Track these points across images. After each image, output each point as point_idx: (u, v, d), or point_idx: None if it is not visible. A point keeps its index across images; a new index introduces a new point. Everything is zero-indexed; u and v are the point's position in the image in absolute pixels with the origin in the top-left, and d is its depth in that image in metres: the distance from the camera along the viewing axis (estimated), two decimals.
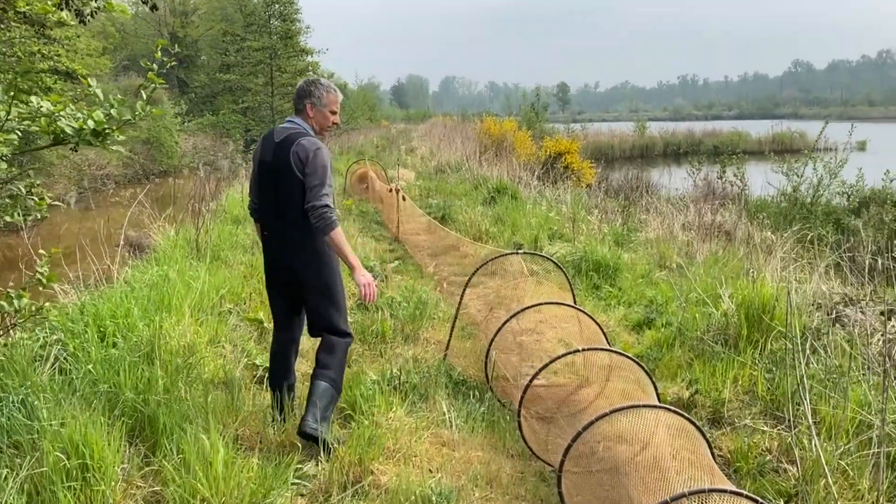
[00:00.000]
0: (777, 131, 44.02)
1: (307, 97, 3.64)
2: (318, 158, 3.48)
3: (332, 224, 3.42)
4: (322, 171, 3.47)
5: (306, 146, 3.51)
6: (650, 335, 5.44)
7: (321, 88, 3.65)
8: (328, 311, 3.64)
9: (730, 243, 10.58)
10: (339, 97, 3.72)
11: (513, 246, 8.20)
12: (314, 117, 3.65)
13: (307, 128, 3.64)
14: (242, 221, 10.03)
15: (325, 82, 3.71)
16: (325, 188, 3.45)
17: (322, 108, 3.64)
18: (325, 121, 3.66)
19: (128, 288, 5.84)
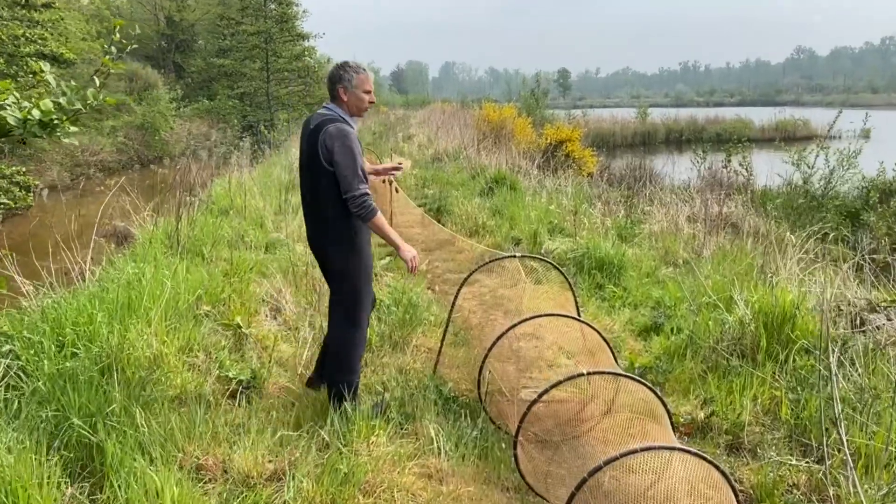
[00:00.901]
0: (780, 118, 43.52)
1: (338, 81, 3.65)
2: (346, 146, 3.52)
3: (372, 212, 3.52)
4: (351, 160, 3.51)
5: (333, 134, 3.54)
6: (659, 343, 5.05)
7: (350, 70, 3.66)
8: (346, 297, 3.74)
9: (737, 236, 10.18)
10: (370, 76, 3.71)
11: (511, 241, 7.80)
12: (348, 101, 3.66)
13: (342, 113, 3.66)
14: (229, 213, 9.61)
15: (354, 63, 3.72)
16: (358, 176, 3.51)
17: (355, 90, 3.65)
18: (361, 102, 3.68)
19: (98, 288, 5.46)
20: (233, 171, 13.60)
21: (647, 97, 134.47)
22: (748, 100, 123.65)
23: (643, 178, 14.87)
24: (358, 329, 3.79)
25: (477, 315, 6.00)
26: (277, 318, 5.63)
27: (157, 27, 41.67)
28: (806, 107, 71.50)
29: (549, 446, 3.64)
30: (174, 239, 7.11)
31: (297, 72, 29.56)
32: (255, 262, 6.78)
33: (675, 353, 4.68)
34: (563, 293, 6.08)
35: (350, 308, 3.76)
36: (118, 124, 28.54)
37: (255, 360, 4.55)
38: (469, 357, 4.85)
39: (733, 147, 16.99)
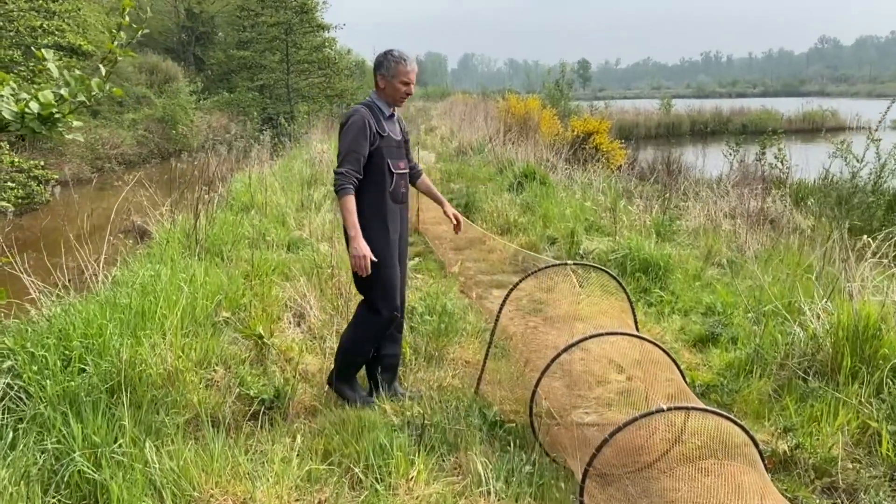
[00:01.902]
0: (808, 109, 42.52)
1: (377, 69, 3.71)
2: (348, 125, 3.61)
3: (341, 191, 3.53)
4: (346, 137, 3.59)
5: (346, 115, 3.71)
6: (719, 356, 4.60)
7: (391, 59, 3.68)
8: (363, 281, 3.69)
9: (779, 234, 9.68)
10: (410, 67, 3.69)
11: (546, 241, 7.36)
12: (385, 89, 3.70)
13: (377, 100, 3.72)
14: (250, 209, 9.26)
15: (398, 52, 3.72)
16: (347, 154, 3.57)
17: (392, 80, 3.67)
18: (396, 92, 3.70)
19: (111, 293, 5.11)
20: (253, 165, 13.27)
21: (668, 88, 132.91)
22: (771, 90, 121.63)
23: (676, 171, 14.30)
24: (381, 315, 3.75)
25: (515, 322, 5.58)
26: (301, 325, 5.25)
27: (178, 19, 41.47)
28: (831, 97, 70.11)
29: (610, 481, 3.22)
30: (192, 238, 6.76)
31: (317, 63, 29.15)
32: (277, 262, 6.41)
33: (740, 369, 4.23)
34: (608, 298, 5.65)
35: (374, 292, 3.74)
36: (138, 117, 28.34)
37: (277, 376, 4.17)
38: (511, 371, 4.43)
39: (767, 138, 16.41)
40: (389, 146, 3.71)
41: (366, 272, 3.52)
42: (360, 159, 3.58)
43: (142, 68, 31.95)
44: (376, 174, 3.67)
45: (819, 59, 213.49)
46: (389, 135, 3.71)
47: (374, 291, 3.72)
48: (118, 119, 27.68)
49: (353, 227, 3.50)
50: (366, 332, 3.82)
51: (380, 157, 3.66)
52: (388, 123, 3.75)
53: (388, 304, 3.75)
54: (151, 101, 29.55)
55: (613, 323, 4.83)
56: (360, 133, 3.57)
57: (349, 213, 3.51)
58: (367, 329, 3.81)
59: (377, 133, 3.64)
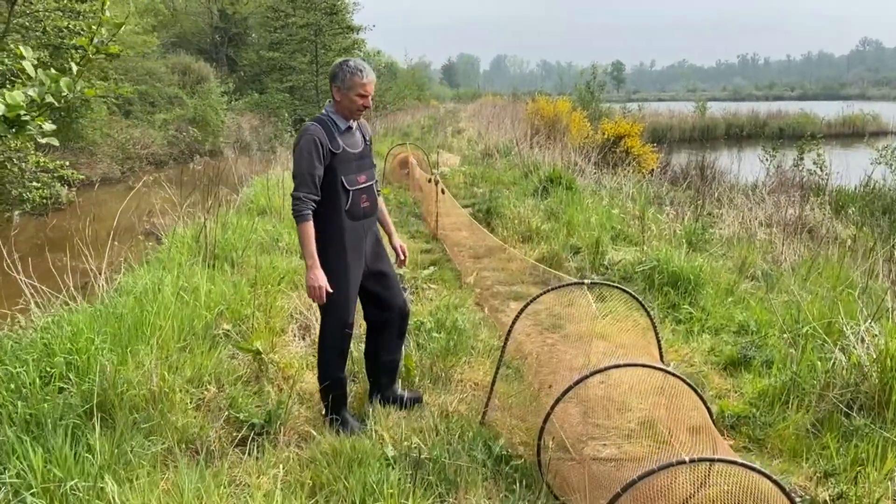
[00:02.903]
0: (848, 113, 41.41)
1: (332, 80, 3.51)
2: (298, 146, 3.45)
3: (297, 217, 3.41)
4: (298, 160, 3.43)
5: (298, 135, 3.51)
6: (751, 382, 4.23)
7: (346, 70, 3.46)
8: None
9: (815, 243, 9.20)
10: (367, 79, 3.46)
11: (569, 250, 7.01)
12: (341, 102, 3.50)
13: (332, 113, 3.53)
14: (268, 213, 9.05)
15: (354, 63, 3.50)
16: (301, 177, 3.41)
17: (347, 92, 3.46)
18: (353, 105, 3.48)
19: (108, 303, 4.90)
20: (275, 167, 13.11)
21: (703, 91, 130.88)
22: (810, 94, 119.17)
23: (710, 176, 13.80)
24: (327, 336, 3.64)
25: (532, 338, 5.26)
26: (306, 337, 4.99)
27: (211, 21, 41.75)
28: (872, 101, 68.38)
29: None
30: (202, 243, 6.54)
31: None
32: (287, 270, 6.16)
33: (774, 399, 3.86)
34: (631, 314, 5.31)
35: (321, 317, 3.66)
36: (170, 117, 28.51)
37: (273, 396, 3.90)
38: (524, 395, 4.11)
39: (806, 143, 15.81)
40: (345, 161, 3.50)
41: (321, 301, 3.43)
42: (315, 181, 3.42)
43: (174, 69, 32.19)
44: (330, 193, 3.47)
45: (860, 62, 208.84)
46: (345, 149, 3.50)
47: (328, 311, 3.58)
48: (149, 119, 27.86)
49: (310, 257, 3.40)
50: (326, 355, 3.65)
51: (332, 174, 3.46)
52: (345, 137, 3.53)
53: (338, 321, 3.59)
54: (183, 101, 29.72)
55: (636, 342, 4.49)
56: (310, 154, 3.40)
57: (307, 240, 3.39)
58: (326, 350, 3.66)
59: (329, 151, 3.44)
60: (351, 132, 3.57)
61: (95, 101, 20.01)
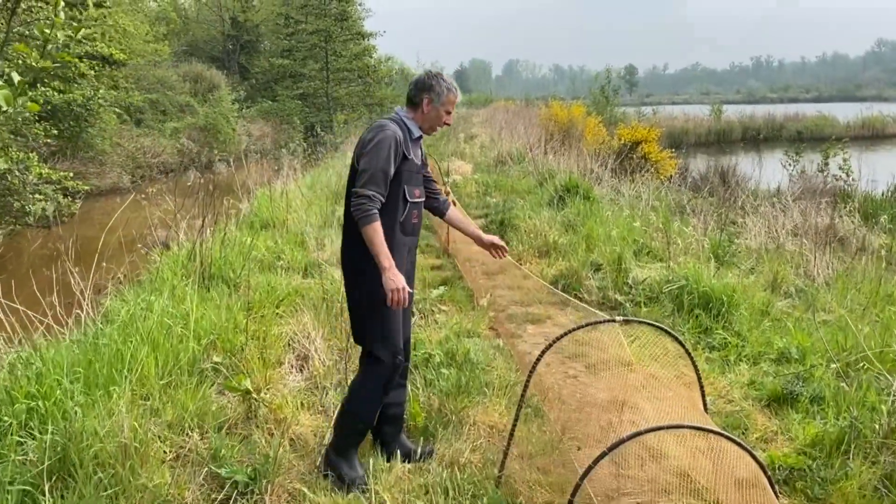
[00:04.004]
0: (867, 115, 40.63)
1: (427, 90, 3.32)
2: (375, 140, 3.16)
3: (364, 217, 3.06)
4: (374, 154, 3.14)
5: (371, 129, 3.26)
6: (801, 424, 3.75)
7: (443, 84, 3.34)
8: (362, 321, 3.30)
9: (847, 254, 8.69)
10: (458, 97, 3.41)
11: (590, 267, 6.55)
12: (427, 113, 3.33)
13: (408, 120, 3.32)
14: (271, 227, 8.65)
15: (449, 78, 3.39)
16: (375, 174, 3.11)
17: (439, 106, 3.33)
18: (438, 120, 3.37)
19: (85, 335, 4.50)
20: (283, 177, 12.72)
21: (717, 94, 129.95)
22: (825, 96, 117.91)
23: (734, 183, 13.27)
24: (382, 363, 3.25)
25: (552, 369, 4.79)
26: (304, 369, 4.56)
27: (223, 28, 41.65)
28: (889, 102, 67.35)
29: None
30: (197, 263, 6.13)
31: (356, 71, 28.73)
32: (287, 292, 5.75)
33: (830, 448, 3.39)
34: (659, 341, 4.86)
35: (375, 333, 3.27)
36: (181, 126, 28.31)
37: (263, 443, 3.47)
38: (545, 440, 3.66)
39: (831, 147, 15.25)
40: (410, 171, 3.29)
41: (403, 306, 3.10)
42: (386, 181, 3.16)
43: (186, 77, 32.03)
44: (390, 201, 3.21)
45: (876, 63, 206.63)
46: (413, 159, 3.30)
47: (373, 335, 3.27)
48: (160, 128, 27.68)
49: (385, 257, 3.05)
50: (368, 389, 3.30)
51: (397, 182, 3.22)
52: (414, 146, 3.33)
53: (388, 348, 3.26)
54: (194, 109, 29.53)
55: (669, 374, 4.03)
56: (390, 151, 3.15)
57: (381, 240, 3.05)
58: (369, 383, 3.30)
59: (402, 154, 3.22)
60: (418, 144, 3.41)
61: (105, 110, 19.80)
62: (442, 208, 3.69)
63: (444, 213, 3.70)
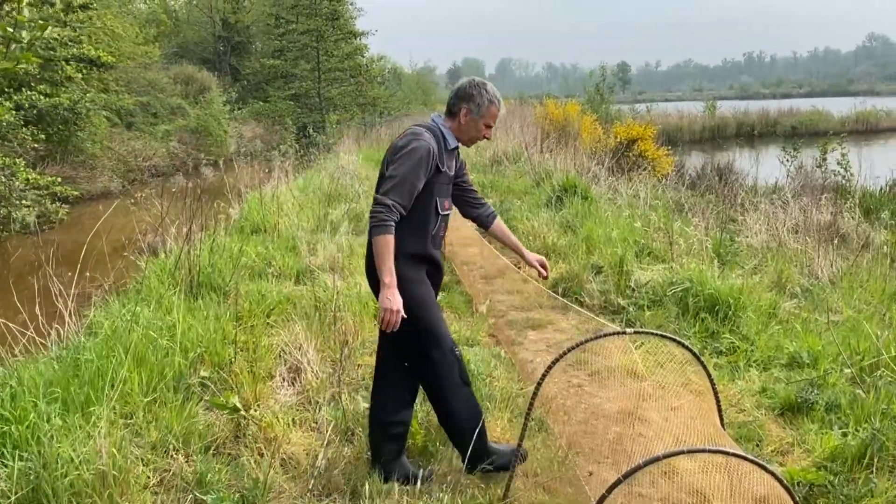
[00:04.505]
0: (861, 110, 40.56)
1: (468, 100, 3.16)
2: (408, 149, 3.02)
3: (379, 226, 2.93)
4: (404, 163, 2.99)
5: (405, 135, 3.14)
6: (818, 435, 3.58)
7: (486, 96, 3.15)
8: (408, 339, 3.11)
9: (850, 251, 8.52)
10: (500, 110, 3.21)
11: (590, 270, 6.37)
12: (465, 124, 3.18)
13: (447, 131, 3.17)
14: (261, 231, 8.45)
15: (492, 89, 3.19)
16: (401, 183, 2.96)
17: (478, 119, 3.17)
18: (478, 133, 3.21)
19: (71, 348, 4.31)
20: (274, 180, 12.51)
21: (710, 90, 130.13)
22: (818, 90, 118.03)
23: (734, 180, 13.10)
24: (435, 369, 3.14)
25: (555, 378, 4.61)
26: (297, 383, 4.37)
27: (214, 30, 41.36)
28: (882, 96, 67.42)
29: None
30: (184, 271, 5.93)
31: (348, 71, 28.49)
32: (278, 300, 5.55)
33: (852, 462, 3.21)
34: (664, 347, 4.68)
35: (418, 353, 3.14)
36: (172, 128, 28.06)
37: (252, 465, 3.27)
38: (549, 454, 3.48)
39: (829, 142, 15.10)
40: (442, 183, 3.18)
41: (393, 328, 2.97)
42: (412, 193, 3.02)
43: (177, 79, 31.75)
44: (421, 213, 3.11)
45: (868, 58, 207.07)
46: (446, 171, 3.18)
47: (425, 340, 3.12)
48: (151, 130, 27.42)
49: (388, 273, 2.93)
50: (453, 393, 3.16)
51: (429, 194, 3.10)
52: (448, 158, 3.20)
53: (442, 343, 3.14)
54: (186, 111, 29.28)
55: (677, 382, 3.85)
56: (421, 162, 3.01)
57: (387, 254, 2.93)
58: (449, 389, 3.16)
59: (436, 167, 3.09)
60: (453, 155, 3.26)
61: (95, 113, 19.56)
62: (486, 219, 3.52)
63: (489, 224, 3.53)
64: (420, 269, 3.17)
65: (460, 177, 3.39)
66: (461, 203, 3.47)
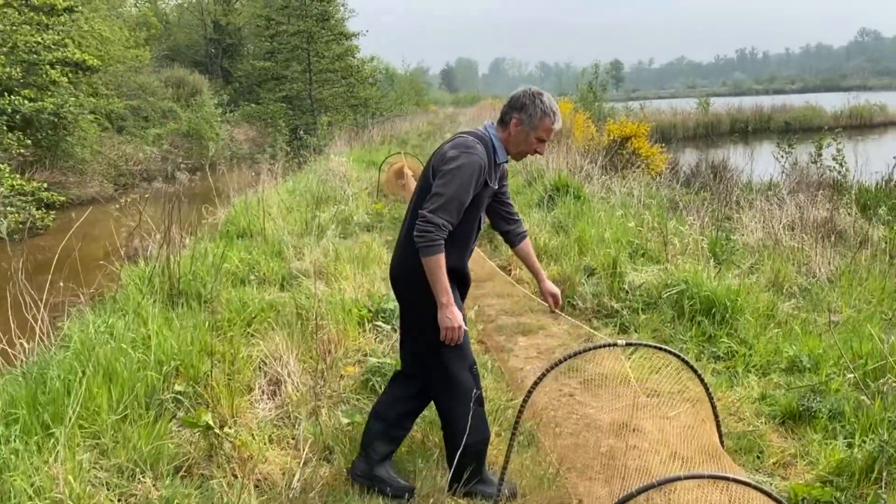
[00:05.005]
0: (854, 105, 40.52)
1: (519, 110, 2.97)
2: (459, 163, 2.84)
3: (430, 247, 2.79)
4: (453, 179, 2.82)
5: (456, 145, 2.94)
6: (821, 446, 3.40)
7: (539, 107, 2.95)
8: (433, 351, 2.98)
9: (848, 248, 8.37)
10: (556, 125, 2.99)
11: (582, 272, 6.19)
12: (514, 135, 2.99)
13: (497, 141, 2.99)
14: (248, 236, 8.24)
15: (548, 100, 2.98)
16: (450, 201, 2.81)
17: (530, 131, 2.97)
18: (527, 146, 3.02)
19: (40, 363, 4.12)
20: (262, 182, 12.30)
21: (703, 87, 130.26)
22: (810, 86, 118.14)
23: (729, 178, 12.94)
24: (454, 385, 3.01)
25: (546, 387, 4.43)
26: (277, 396, 4.18)
27: (205, 32, 41.13)
28: (874, 91, 67.46)
29: None
30: (161, 279, 5.73)
31: (339, 72, 28.27)
32: (259, 308, 5.36)
33: (860, 476, 3.03)
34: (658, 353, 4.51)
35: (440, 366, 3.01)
36: (163, 132, 27.84)
37: (224, 488, 3.09)
38: (539, 471, 3.30)
39: (824, 137, 14.96)
40: (486, 197, 3.05)
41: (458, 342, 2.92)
42: (461, 210, 2.88)
43: (168, 82, 31.52)
44: (465, 228, 2.98)
45: (860, 53, 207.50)
46: (492, 185, 3.03)
47: (448, 356, 3.00)
48: (142, 134, 27.20)
49: (445, 292, 2.84)
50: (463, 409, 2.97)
51: (475, 210, 2.99)
52: (496, 171, 3.05)
53: (464, 361, 3.05)
54: (177, 114, 29.07)
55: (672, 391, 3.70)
56: (472, 180, 2.86)
57: (441, 273, 2.82)
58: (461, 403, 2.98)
59: (484, 181, 2.94)
60: (501, 167, 3.10)
61: (84, 118, 19.33)
62: (515, 237, 3.37)
63: (517, 243, 3.40)
64: (453, 284, 3.02)
65: (501, 187, 3.23)
66: (493, 214, 3.30)
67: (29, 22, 13.16)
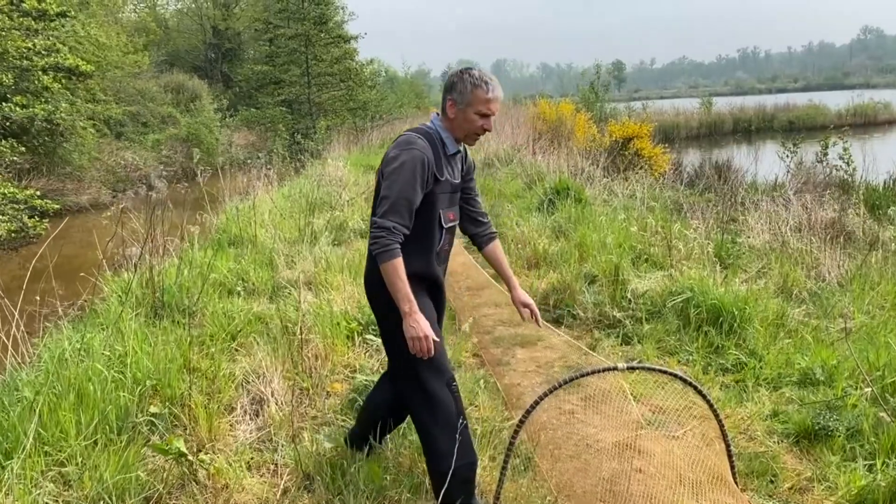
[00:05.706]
0: (858, 103, 40.23)
1: (450, 91, 2.81)
2: (399, 161, 2.69)
3: (384, 252, 2.63)
4: (396, 179, 2.68)
5: (397, 144, 2.79)
6: (840, 468, 3.16)
7: (468, 81, 2.76)
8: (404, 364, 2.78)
9: (856, 250, 8.12)
10: (491, 94, 2.75)
11: (583, 279, 5.94)
12: (455, 118, 2.80)
13: (444, 132, 2.82)
14: (239, 244, 8.01)
15: (477, 73, 2.79)
16: (396, 202, 2.66)
17: (465, 109, 2.76)
18: (469, 125, 2.79)
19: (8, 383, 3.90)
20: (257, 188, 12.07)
21: (705, 87, 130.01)
22: (813, 85, 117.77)
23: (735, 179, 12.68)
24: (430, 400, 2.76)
25: (544, 405, 4.19)
26: (259, 416, 3.95)
27: (204, 37, 41.03)
28: (877, 89, 67.14)
29: None
30: (148, 290, 5.51)
31: (338, 75, 28.04)
32: (245, 321, 5.13)
33: (884, 502, 2.79)
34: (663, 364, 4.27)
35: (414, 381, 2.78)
36: (162, 137, 27.68)
37: None
38: (538, 495, 3.06)
39: (829, 136, 14.70)
40: (444, 193, 2.83)
41: (429, 355, 2.65)
42: (411, 210, 2.71)
43: (167, 87, 31.37)
44: (423, 230, 2.78)
45: (862, 51, 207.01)
46: (447, 178, 2.83)
47: (421, 370, 2.75)
48: (141, 140, 27.04)
49: (406, 300, 2.63)
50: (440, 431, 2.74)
51: (430, 207, 2.78)
52: (449, 163, 2.85)
53: (440, 376, 2.79)
54: (176, 120, 28.92)
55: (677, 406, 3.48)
56: (415, 176, 2.68)
57: (401, 281, 2.62)
58: (438, 424, 2.75)
59: (433, 176, 2.75)
60: (456, 159, 2.91)
61: (81, 124, 19.15)
62: (481, 239, 3.16)
63: (483, 245, 3.17)
64: (421, 289, 2.83)
65: (467, 182, 3.03)
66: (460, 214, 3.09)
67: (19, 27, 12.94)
